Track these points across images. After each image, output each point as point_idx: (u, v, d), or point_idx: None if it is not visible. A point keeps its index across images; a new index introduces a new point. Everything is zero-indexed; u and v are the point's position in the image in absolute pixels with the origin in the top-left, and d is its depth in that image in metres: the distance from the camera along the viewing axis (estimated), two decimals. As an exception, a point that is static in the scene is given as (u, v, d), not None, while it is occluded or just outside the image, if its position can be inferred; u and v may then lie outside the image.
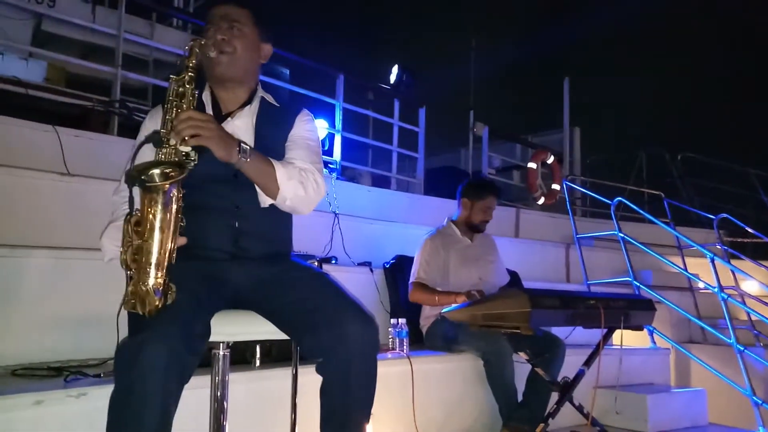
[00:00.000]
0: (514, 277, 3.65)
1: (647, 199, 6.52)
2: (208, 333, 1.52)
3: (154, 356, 1.34)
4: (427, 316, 3.17)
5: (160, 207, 1.37)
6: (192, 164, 1.44)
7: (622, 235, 4.47)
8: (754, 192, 6.86)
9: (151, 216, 1.37)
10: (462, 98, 7.35)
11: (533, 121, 9.57)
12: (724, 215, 4.84)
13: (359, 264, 3.61)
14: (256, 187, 1.66)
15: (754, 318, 4.22)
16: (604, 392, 3.33)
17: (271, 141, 1.76)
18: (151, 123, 1.70)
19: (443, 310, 2.87)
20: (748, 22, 11.88)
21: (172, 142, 1.42)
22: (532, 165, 7.17)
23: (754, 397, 3.54)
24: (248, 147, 1.55)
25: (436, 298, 3.05)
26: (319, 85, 5.77)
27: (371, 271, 3.49)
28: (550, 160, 7.30)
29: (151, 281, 1.38)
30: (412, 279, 3.21)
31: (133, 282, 1.39)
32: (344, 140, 5.70)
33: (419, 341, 3.15)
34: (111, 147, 3.63)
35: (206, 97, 1.76)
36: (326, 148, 5.49)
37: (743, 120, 11.74)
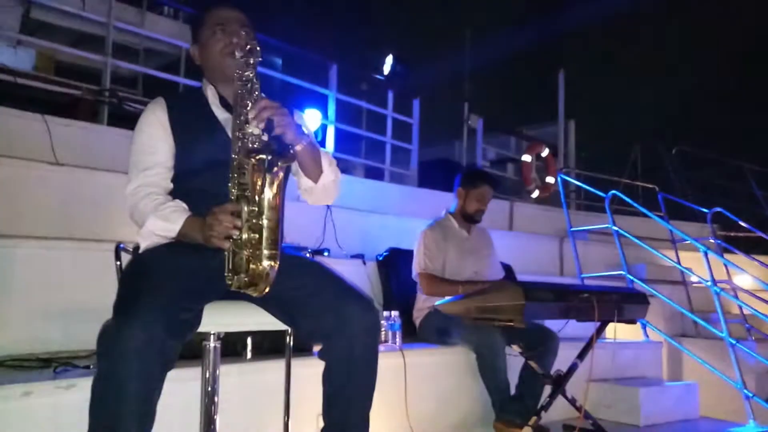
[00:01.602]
0: (508, 271, 3.64)
1: (641, 193, 6.52)
2: (198, 321, 1.54)
3: (131, 339, 1.35)
4: (420, 308, 3.16)
5: (275, 187, 1.45)
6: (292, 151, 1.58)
7: (616, 228, 4.47)
8: (747, 186, 6.88)
9: (268, 196, 1.45)
10: (456, 90, 7.31)
11: (528, 114, 9.55)
12: (718, 209, 4.85)
13: (352, 256, 3.59)
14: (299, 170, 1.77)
15: (746, 312, 4.24)
16: (597, 385, 3.33)
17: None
18: (162, 115, 1.75)
19: (437, 303, 2.85)
20: (743, 16, 11.88)
21: (251, 130, 1.51)
22: (526, 158, 7.15)
23: (745, 391, 3.55)
24: (309, 133, 1.72)
25: (460, 288, 2.95)
26: (312, 75, 5.73)
27: (364, 263, 3.47)
28: (545, 152, 7.29)
29: (266, 261, 1.45)
30: (418, 270, 3.16)
31: (247, 261, 1.46)
32: (337, 131, 5.67)
33: (412, 334, 3.14)
34: (101, 136, 3.60)
35: (212, 93, 1.82)
36: (319, 139, 5.45)
37: (738, 114, 11.77)
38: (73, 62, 5.63)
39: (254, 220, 1.46)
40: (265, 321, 1.69)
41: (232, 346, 2.36)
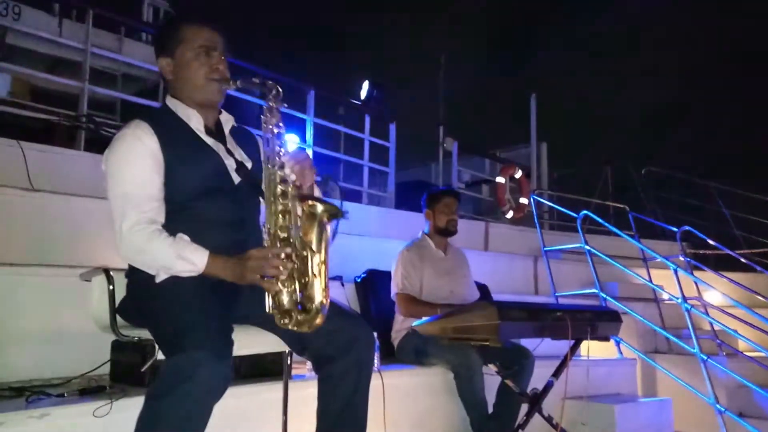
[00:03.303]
0: (483, 290, 3.68)
1: (612, 212, 6.64)
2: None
3: (213, 375, 1.39)
4: (398, 329, 3.18)
5: (325, 234, 1.58)
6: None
7: (588, 247, 4.55)
8: (715, 205, 7.05)
9: (316, 242, 1.56)
10: (432, 114, 7.43)
11: (501, 137, 9.72)
12: (687, 228, 4.95)
13: (330, 278, 3.58)
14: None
15: (716, 328, 4.32)
16: (573, 403, 3.37)
17: (249, 157, 1.86)
18: (151, 143, 1.69)
19: (414, 324, 2.88)
20: (710, 38, 12.29)
21: (284, 173, 1.62)
22: (500, 179, 7.26)
23: (718, 405, 3.61)
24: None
25: (438, 310, 2.96)
26: (290, 100, 5.77)
27: (342, 285, 3.48)
28: (518, 174, 7.40)
29: (319, 299, 1.56)
30: (396, 290, 3.18)
31: (303, 302, 1.55)
32: (315, 155, 5.70)
33: (390, 355, 3.15)
34: (77, 162, 3.58)
35: (195, 117, 1.78)
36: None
37: (704, 135, 12.09)
38: (49, 88, 5.60)
39: (305, 266, 1.55)
40: (262, 343, 1.78)
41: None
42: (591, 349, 3.03)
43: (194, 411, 1.39)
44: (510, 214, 7.21)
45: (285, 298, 1.55)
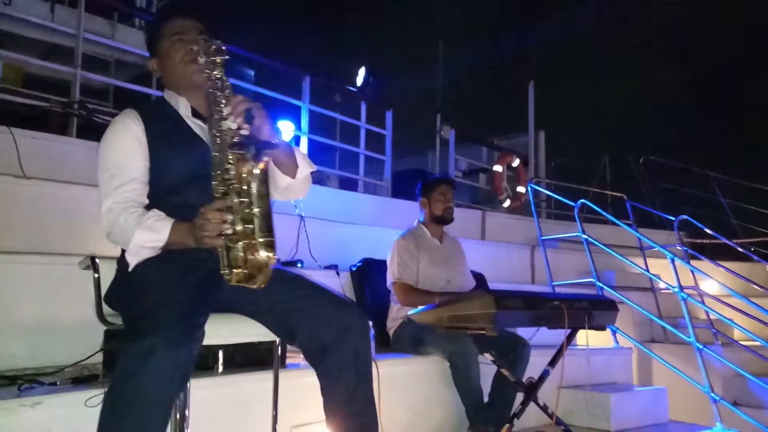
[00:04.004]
0: (480, 279, 3.67)
1: (610, 201, 6.64)
2: (203, 336, 1.53)
3: (164, 363, 1.34)
4: (394, 318, 3.17)
5: (262, 175, 1.46)
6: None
7: (585, 236, 4.55)
8: (712, 194, 7.05)
9: (256, 185, 1.46)
10: (429, 101, 7.39)
11: (499, 125, 9.68)
12: (684, 217, 4.96)
13: (325, 267, 3.59)
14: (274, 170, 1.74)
15: (712, 317, 4.33)
16: (569, 392, 3.38)
17: None
18: (136, 128, 1.71)
19: (409, 313, 2.86)
20: (710, 30, 12.23)
21: (228, 125, 1.52)
22: (497, 168, 7.24)
23: (713, 394, 3.63)
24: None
25: (437, 299, 2.93)
26: (285, 86, 5.73)
27: (338, 274, 3.47)
28: (516, 163, 7.39)
29: (263, 252, 1.45)
30: (392, 279, 3.17)
31: (244, 253, 1.45)
32: (311, 142, 5.67)
33: (386, 344, 3.14)
34: (69, 149, 3.54)
35: (183, 104, 1.79)
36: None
37: (703, 124, 12.07)
38: (42, 74, 5.54)
39: (246, 211, 1.46)
40: (260, 331, 1.70)
41: (203, 360, 2.34)
42: (588, 338, 3.02)
43: (148, 401, 1.34)
44: (507, 203, 7.20)
45: (231, 254, 1.48)
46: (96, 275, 1.72)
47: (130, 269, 1.65)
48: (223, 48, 1.58)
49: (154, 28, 1.85)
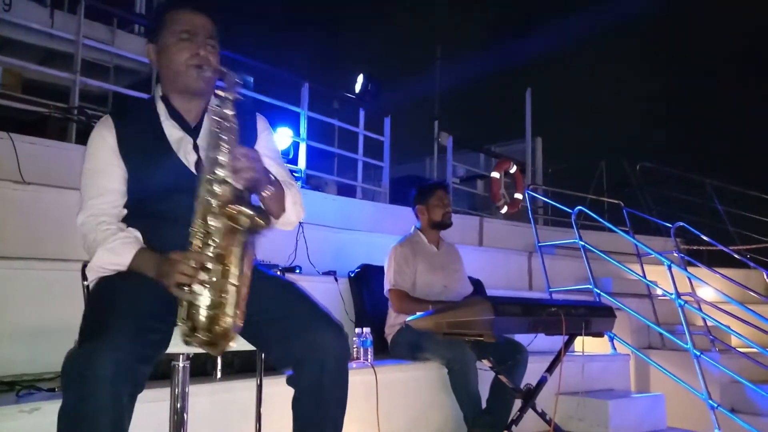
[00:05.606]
0: (478, 286, 3.68)
1: (607, 208, 6.65)
2: (166, 343, 1.50)
3: (102, 367, 1.30)
4: (392, 324, 3.18)
5: (246, 249, 1.43)
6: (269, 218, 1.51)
7: (582, 243, 4.56)
8: (709, 201, 7.08)
9: (236, 257, 1.42)
10: (427, 108, 7.42)
11: (496, 131, 9.72)
12: (681, 224, 4.96)
13: (324, 273, 3.59)
14: None
15: (709, 324, 4.33)
16: (567, 398, 3.38)
17: None
18: (109, 137, 1.66)
19: (408, 319, 2.87)
20: (705, 36, 12.30)
21: (223, 174, 1.46)
22: (495, 174, 7.26)
23: (710, 401, 3.63)
24: (273, 177, 1.62)
25: (430, 307, 2.92)
26: (284, 93, 5.75)
27: (336, 280, 3.48)
28: (513, 169, 7.41)
29: (230, 320, 1.42)
30: (388, 287, 3.18)
31: (209, 321, 1.42)
32: (309, 149, 5.68)
33: (384, 350, 3.15)
34: (68, 154, 3.54)
35: (162, 109, 1.71)
36: (291, 156, 5.46)
37: (700, 131, 12.11)
38: (41, 80, 5.55)
39: (222, 280, 1.41)
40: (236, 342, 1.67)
41: (202, 366, 2.34)
42: (585, 344, 3.03)
43: (94, 409, 1.30)
44: (504, 210, 7.21)
45: (194, 312, 1.43)
46: (85, 282, 1.69)
47: (86, 282, 1.63)
48: (239, 81, 1.53)
49: (161, 14, 1.73)
